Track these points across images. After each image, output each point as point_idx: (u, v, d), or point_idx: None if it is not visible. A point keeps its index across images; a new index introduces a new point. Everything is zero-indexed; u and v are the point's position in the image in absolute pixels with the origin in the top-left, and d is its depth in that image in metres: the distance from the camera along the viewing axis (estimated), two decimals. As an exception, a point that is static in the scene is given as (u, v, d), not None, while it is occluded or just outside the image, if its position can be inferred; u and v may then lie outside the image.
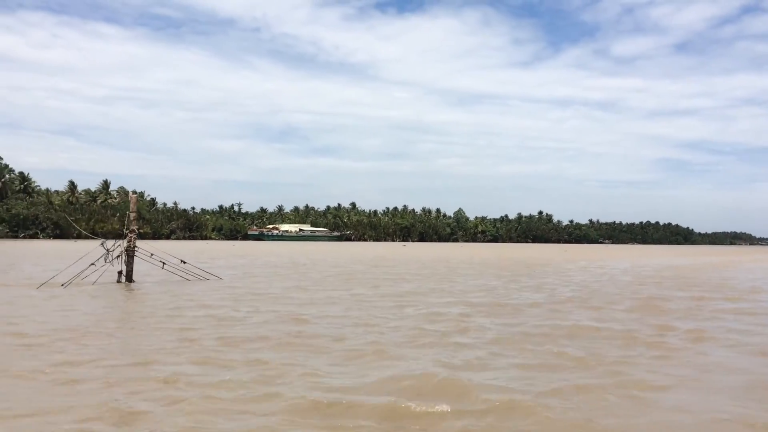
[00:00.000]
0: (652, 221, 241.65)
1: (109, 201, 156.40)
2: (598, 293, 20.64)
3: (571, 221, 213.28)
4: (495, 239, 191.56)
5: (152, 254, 23.05)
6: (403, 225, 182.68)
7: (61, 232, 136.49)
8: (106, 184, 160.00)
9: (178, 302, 16.44)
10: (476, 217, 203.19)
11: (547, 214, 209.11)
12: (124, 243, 22.62)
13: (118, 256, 22.34)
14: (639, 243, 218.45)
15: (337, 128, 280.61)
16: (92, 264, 21.38)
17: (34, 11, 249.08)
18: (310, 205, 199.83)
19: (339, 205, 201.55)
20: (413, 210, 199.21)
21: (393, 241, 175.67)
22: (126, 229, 22.97)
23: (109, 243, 22.23)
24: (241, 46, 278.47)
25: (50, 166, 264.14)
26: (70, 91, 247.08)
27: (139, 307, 15.52)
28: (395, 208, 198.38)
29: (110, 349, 9.88)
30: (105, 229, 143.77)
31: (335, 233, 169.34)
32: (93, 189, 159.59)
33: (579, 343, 10.87)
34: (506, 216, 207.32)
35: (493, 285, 23.47)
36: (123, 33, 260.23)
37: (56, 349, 9.69)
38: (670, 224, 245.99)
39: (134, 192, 29.14)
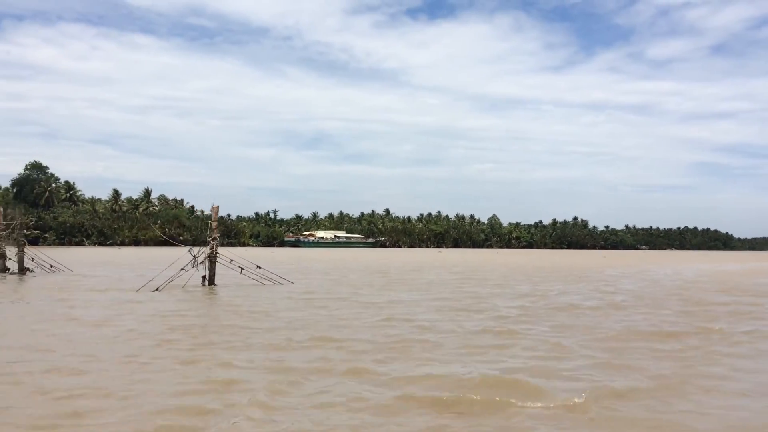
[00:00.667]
0: (690, 226, 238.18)
1: (151, 209, 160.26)
2: (657, 297, 21.44)
3: (607, 227, 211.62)
4: (529, 245, 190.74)
5: (232, 260, 24.52)
6: (437, 231, 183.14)
7: (105, 239, 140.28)
8: (147, 193, 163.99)
9: (285, 302, 17.80)
10: (510, 223, 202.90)
11: (582, 220, 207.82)
12: (207, 250, 24.16)
13: (202, 262, 23.89)
14: (677, 249, 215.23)
15: (368, 135, 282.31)
16: (182, 269, 22.96)
17: (73, 23, 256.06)
18: (344, 212, 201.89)
19: (373, 211, 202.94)
20: (447, 216, 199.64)
21: (427, 247, 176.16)
22: (209, 238, 24.51)
23: (195, 250, 23.80)
24: (273, 54, 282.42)
25: (89, 175, 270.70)
26: (107, 101, 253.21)
27: (253, 306, 16.86)
28: (429, 214, 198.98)
29: (255, 340, 11.19)
30: (147, 236, 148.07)
31: (370, 240, 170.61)
32: (134, 197, 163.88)
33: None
34: (540, 222, 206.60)
35: (570, 289, 24.39)
36: (159, 43, 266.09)
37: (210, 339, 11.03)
38: (708, 229, 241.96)
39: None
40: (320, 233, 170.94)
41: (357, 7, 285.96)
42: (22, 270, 29.51)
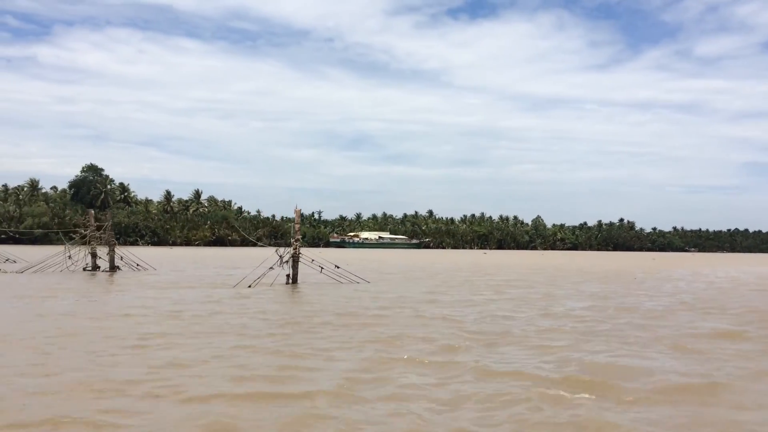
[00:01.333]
0: (741, 228, 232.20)
1: (201, 210, 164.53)
2: (718, 300, 22.01)
3: (654, 229, 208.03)
4: (574, 247, 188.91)
5: (313, 260, 25.98)
6: (481, 232, 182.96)
7: (159, 239, 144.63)
8: (197, 194, 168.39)
9: (374, 300, 19.12)
10: (554, 225, 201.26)
11: (629, 222, 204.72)
12: (290, 250, 25.68)
13: (286, 261, 25.42)
14: (727, 251, 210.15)
15: (409, 135, 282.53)
16: (271, 268, 24.57)
17: (121, 28, 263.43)
18: (387, 213, 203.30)
19: (416, 212, 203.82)
20: (490, 217, 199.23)
21: (471, 248, 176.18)
22: (292, 239, 26.04)
23: (281, 250, 25.35)
24: (314, 56, 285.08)
25: (135, 176, 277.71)
26: (154, 103, 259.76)
27: (346, 302, 18.20)
28: (472, 216, 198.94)
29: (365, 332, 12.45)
30: (198, 236, 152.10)
31: (414, 241, 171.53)
32: (184, 198, 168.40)
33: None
34: (585, 223, 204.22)
35: (622, 291, 25.12)
36: (203, 47, 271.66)
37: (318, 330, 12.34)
38: (760, 231, 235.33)
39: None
40: (364, 234, 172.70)
41: (398, 8, 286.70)
42: (113, 268, 31.57)
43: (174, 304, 17.99)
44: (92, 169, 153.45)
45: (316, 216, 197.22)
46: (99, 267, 32.07)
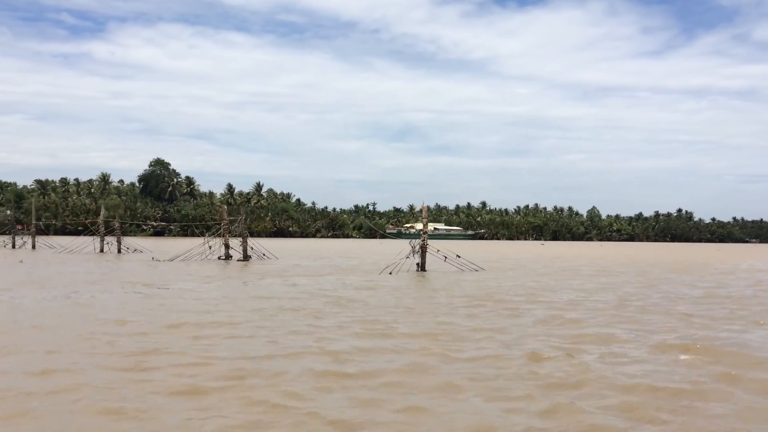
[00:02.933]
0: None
1: (261, 202, 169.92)
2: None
3: (713, 219, 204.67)
4: (631, 238, 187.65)
5: (438, 250, 28.78)
6: (536, 224, 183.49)
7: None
8: (258, 187, 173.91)
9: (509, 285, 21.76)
10: (608, 215, 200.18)
11: (687, 212, 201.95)
12: (419, 242, 28.55)
13: (416, 252, 28.31)
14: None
15: (456, 126, 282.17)
16: (407, 257, 27.57)
17: (172, 23, 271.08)
18: (440, 204, 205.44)
19: (468, 204, 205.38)
20: (545, 208, 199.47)
21: (525, 239, 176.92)
22: (422, 232, 28.90)
23: (414, 242, 28.27)
24: (361, 48, 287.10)
25: (187, 168, 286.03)
26: (204, 97, 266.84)
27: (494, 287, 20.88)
28: (526, 207, 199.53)
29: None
30: (260, 228, 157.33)
31: (469, 232, 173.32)
32: (245, 191, 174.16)
33: None
34: (641, 214, 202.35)
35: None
36: (251, 41, 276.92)
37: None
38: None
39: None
40: (419, 225, 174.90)
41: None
42: (246, 257, 35.00)
43: (344, 288, 20.85)
44: (160, 163, 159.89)
45: (370, 207, 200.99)
46: (231, 256, 35.56)
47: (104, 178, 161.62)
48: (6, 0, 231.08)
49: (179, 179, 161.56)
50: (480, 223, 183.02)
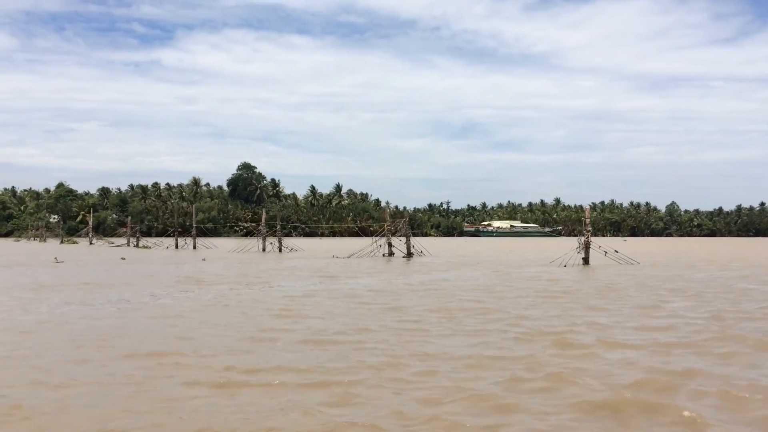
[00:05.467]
0: None
1: (342, 202, 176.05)
2: None
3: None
4: (712, 233, 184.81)
5: (600, 246, 32.35)
6: (614, 219, 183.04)
7: (310, 231, 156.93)
8: (338, 188, 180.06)
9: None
10: (686, 211, 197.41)
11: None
12: (584, 239, 32.19)
13: (582, 247, 31.94)
14: None
15: (519, 121, 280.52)
16: (578, 251, 31.34)
17: (237, 29, 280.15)
18: (512, 202, 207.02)
19: (542, 201, 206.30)
20: (621, 204, 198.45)
21: (603, 236, 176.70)
22: (585, 230, 32.54)
23: (581, 239, 31.95)
24: (421, 46, 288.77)
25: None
26: (268, 100, 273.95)
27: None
28: (601, 203, 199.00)
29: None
30: (342, 228, 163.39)
31: (547, 229, 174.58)
32: (325, 192, 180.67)
33: None
34: (721, 208, 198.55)
35: None
36: (313, 43, 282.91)
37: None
38: None
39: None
40: (497, 223, 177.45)
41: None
42: (410, 254, 39.43)
43: (560, 276, 24.65)
44: (246, 167, 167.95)
45: (444, 206, 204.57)
46: (393, 254, 40.09)
47: (195, 182, 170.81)
48: (80, 12, 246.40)
49: (265, 182, 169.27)
50: (556, 219, 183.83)
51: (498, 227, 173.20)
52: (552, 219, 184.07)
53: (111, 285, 21.41)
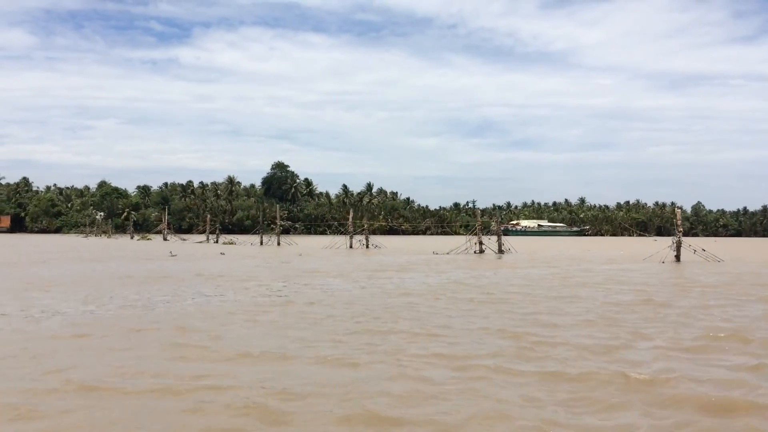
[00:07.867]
0: None
1: (374, 201, 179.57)
2: None
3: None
4: (738, 234, 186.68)
5: (690, 245, 35.61)
6: (640, 219, 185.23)
7: (343, 228, 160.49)
8: (369, 186, 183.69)
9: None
10: (709, 210, 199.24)
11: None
12: (676, 239, 35.47)
13: (672, 246, 35.22)
14: None
15: (535, 120, 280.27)
16: (668, 247, 34.68)
17: (253, 27, 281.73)
18: (536, 201, 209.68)
19: (566, 200, 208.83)
20: (645, 203, 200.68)
21: (629, 235, 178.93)
22: (677, 230, 35.77)
23: (674, 238, 35.22)
24: (438, 43, 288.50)
25: (268, 168, 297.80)
26: (284, 98, 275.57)
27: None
28: (627, 202, 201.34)
29: None
30: (374, 226, 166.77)
31: (574, 228, 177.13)
32: (356, 191, 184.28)
33: None
34: (746, 208, 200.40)
35: None
36: (329, 41, 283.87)
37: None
38: None
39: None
40: (524, 222, 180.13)
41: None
42: (501, 251, 42.85)
43: (661, 274, 27.85)
44: (280, 166, 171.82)
45: (470, 205, 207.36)
46: (484, 251, 43.53)
47: (231, 181, 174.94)
48: (99, 11, 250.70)
49: (299, 181, 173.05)
50: (583, 219, 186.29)
51: (526, 226, 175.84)
52: (579, 218, 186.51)
53: (294, 276, 24.78)
